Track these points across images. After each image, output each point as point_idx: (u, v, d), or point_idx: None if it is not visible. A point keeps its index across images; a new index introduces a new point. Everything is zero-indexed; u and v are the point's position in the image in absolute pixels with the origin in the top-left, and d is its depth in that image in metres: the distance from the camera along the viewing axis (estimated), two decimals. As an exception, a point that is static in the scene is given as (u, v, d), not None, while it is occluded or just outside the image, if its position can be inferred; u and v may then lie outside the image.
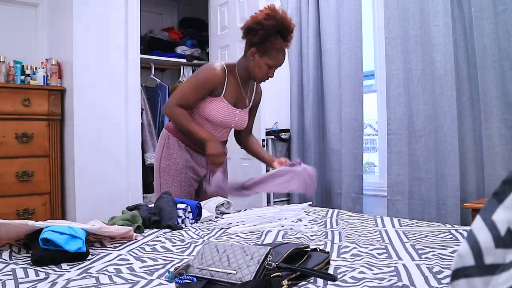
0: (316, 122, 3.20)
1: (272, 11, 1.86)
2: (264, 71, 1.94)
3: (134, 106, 3.11)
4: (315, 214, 1.82)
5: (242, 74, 2.00)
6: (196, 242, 1.31)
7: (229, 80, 1.97)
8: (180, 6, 4.51)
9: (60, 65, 3.04)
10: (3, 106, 2.75)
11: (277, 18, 1.85)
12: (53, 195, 2.92)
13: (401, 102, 2.63)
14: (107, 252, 1.17)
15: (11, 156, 2.77)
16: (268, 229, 1.47)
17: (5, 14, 3.16)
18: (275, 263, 0.86)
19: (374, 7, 3.08)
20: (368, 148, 3.88)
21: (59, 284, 0.89)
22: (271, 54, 1.90)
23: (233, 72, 1.99)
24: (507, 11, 2.17)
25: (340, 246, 1.22)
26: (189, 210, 1.62)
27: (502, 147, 2.22)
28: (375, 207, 2.93)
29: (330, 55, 3.05)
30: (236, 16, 3.25)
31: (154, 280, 0.93)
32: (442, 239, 1.28)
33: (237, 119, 2.03)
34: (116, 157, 2.99)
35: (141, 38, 3.32)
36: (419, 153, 2.55)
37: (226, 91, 1.97)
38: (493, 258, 0.45)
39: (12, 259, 1.10)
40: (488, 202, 0.49)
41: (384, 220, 1.62)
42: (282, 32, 1.89)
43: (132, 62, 3.07)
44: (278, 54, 1.92)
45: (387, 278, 0.89)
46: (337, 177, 3.03)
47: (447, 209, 2.39)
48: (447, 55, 2.39)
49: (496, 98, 2.23)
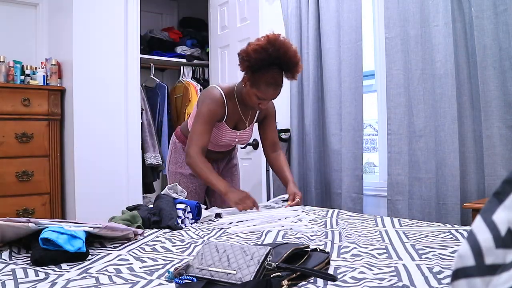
0: (316, 122, 3.20)
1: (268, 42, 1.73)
2: (254, 101, 1.87)
3: (134, 106, 3.11)
4: (315, 214, 1.82)
5: (240, 98, 1.96)
6: (196, 242, 1.31)
7: (228, 106, 1.96)
8: (180, 6, 4.51)
9: (60, 65, 3.04)
10: (3, 106, 2.75)
11: (269, 52, 1.73)
12: (53, 195, 2.92)
13: (401, 102, 2.63)
14: (107, 252, 1.17)
15: (11, 156, 2.77)
16: (268, 229, 1.47)
17: (5, 14, 3.16)
18: (275, 263, 0.86)
19: (374, 7, 3.08)
20: (368, 148, 3.88)
21: (59, 284, 0.89)
22: (259, 87, 1.81)
23: (231, 97, 1.96)
24: (507, 11, 2.17)
25: (340, 246, 1.22)
26: (188, 210, 1.62)
27: (502, 147, 2.21)
28: (375, 207, 2.93)
29: (330, 55, 3.05)
30: (236, 16, 3.25)
31: (154, 280, 0.93)
32: (442, 239, 1.28)
33: (238, 140, 2.07)
34: (116, 157, 2.99)
35: (141, 38, 3.32)
36: (419, 153, 2.55)
37: (227, 117, 1.97)
38: (493, 258, 0.45)
39: (12, 259, 1.09)
40: (488, 202, 0.49)
41: (384, 220, 1.62)
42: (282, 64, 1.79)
43: (132, 62, 3.07)
44: (268, 88, 1.80)
45: (387, 278, 0.89)
46: (337, 177, 3.03)
47: (447, 209, 2.39)
48: (447, 55, 2.39)
49: (496, 98, 2.23)
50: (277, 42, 1.74)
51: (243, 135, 2.06)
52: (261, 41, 1.75)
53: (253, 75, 1.80)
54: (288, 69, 1.81)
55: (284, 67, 1.80)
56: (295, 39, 3.29)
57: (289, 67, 1.80)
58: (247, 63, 1.77)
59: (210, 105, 1.90)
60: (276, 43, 1.74)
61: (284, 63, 1.78)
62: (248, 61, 1.76)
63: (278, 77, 1.82)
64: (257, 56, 1.74)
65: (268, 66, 1.77)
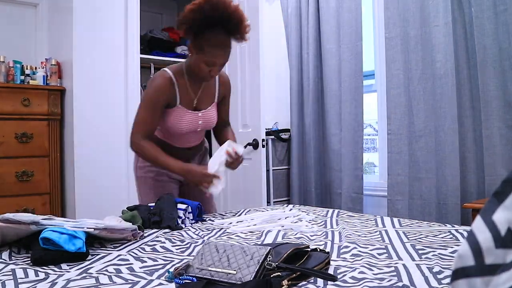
0: (316, 122, 3.20)
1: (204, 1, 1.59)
2: (204, 69, 1.70)
3: (134, 106, 3.11)
4: (315, 214, 1.82)
5: (191, 74, 1.79)
6: (196, 242, 1.31)
7: (180, 86, 1.78)
8: (180, 6, 4.51)
9: (60, 65, 3.04)
10: (3, 106, 2.75)
11: (206, 10, 1.59)
12: (53, 195, 2.92)
13: (401, 102, 2.63)
14: (107, 252, 1.17)
15: (11, 156, 2.77)
16: (268, 229, 1.47)
17: (5, 14, 3.16)
18: (275, 263, 0.86)
19: (374, 7, 3.08)
20: (368, 148, 3.88)
21: (59, 284, 0.89)
22: (204, 50, 1.65)
23: (180, 75, 1.79)
24: (507, 11, 2.17)
25: (340, 246, 1.22)
26: (189, 210, 1.62)
27: (502, 147, 2.21)
28: (375, 207, 2.93)
29: (330, 55, 3.05)
30: (236, 16, 3.25)
31: (154, 280, 0.93)
32: (442, 239, 1.28)
33: (201, 122, 1.85)
34: (116, 157, 2.99)
35: (141, 38, 3.31)
36: (419, 153, 2.55)
37: (181, 98, 1.79)
38: (493, 258, 0.45)
39: (11, 259, 1.09)
40: (488, 202, 0.49)
41: (384, 220, 1.62)
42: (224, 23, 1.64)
43: (132, 62, 3.07)
44: (213, 49, 1.66)
45: (387, 278, 0.89)
46: (337, 177, 3.03)
47: (447, 209, 2.39)
48: (447, 55, 2.39)
49: (496, 98, 2.23)
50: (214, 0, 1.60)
51: (206, 116, 1.86)
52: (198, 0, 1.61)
53: (195, 39, 1.67)
54: (232, 29, 1.66)
55: (227, 27, 1.66)
56: (295, 39, 3.29)
57: (232, 26, 1.65)
58: (185, 25, 1.63)
59: (154, 89, 1.76)
60: (213, 1, 1.59)
61: (225, 22, 1.64)
62: (186, 23, 1.63)
63: (223, 38, 1.67)
64: (194, 16, 1.60)
65: (210, 27, 1.64)
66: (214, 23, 1.63)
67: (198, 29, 1.63)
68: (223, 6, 1.61)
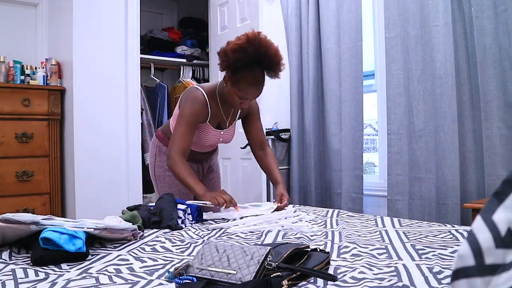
0: (316, 122, 3.20)
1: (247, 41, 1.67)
2: (236, 100, 1.81)
3: (134, 106, 3.11)
4: (315, 214, 1.82)
5: (222, 97, 1.91)
6: (196, 242, 1.31)
7: (211, 107, 1.90)
8: (180, 6, 4.51)
9: (60, 65, 3.04)
10: (3, 106, 2.75)
11: (248, 51, 1.66)
12: (53, 195, 2.92)
13: (401, 102, 2.63)
14: (107, 252, 1.17)
15: (11, 156, 2.77)
16: (268, 229, 1.47)
17: (5, 14, 3.16)
18: (275, 263, 0.86)
19: (374, 7, 3.07)
20: (368, 148, 3.88)
21: (59, 284, 0.89)
22: (240, 86, 1.75)
23: (213, 97, 1.91)
24: (507, 11, 2.17)
25: (340, 246, 1.22)
26: (189, 211, 1.62)
27: (502, 147, 2.21)
28: (375, 207, 2.93)
29: (330, 55, 3.05)
30: (236, 16, 3.26)
31: (154, 280, 0.93)
32: (442, 239, 1.28)
33: (222, 139, 2.03)
34: (116, 157, 2.99)
35: (141, 38, 3.32)
36: (419, 153, 2.55)
37: (211, 117, 1.92)
38: (493, 258, 0.45)
39: (11, 259, 1.09)
40: (488, 202, 0.49)
41: (384, 220, 1.62)
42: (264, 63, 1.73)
43: (132, 62, 3.07)
44: (248, 87, 1.75)
45: (387, 278, 0.89)
46: (337, 177, 3.03)
47: (447, 209, 2.39)
48: (447, 55, 2.39)
49: (496, 98, 2.23)
50: (256, 41, 1.68)
51: (226, 134, 2.03)
52: (240, 40, 1.69)
53: (233, 75, 1.75)
54: (270, 68, 1.75)
55: (266, 66, 1.75)
56: (295, 39, 3.29)
57: (271, 66, 1.74)
58: (226, 63, 1.72)
59: (193, 107, 1.85)
60: (255, 42, 1.67)
61: (265, 62, 1.73)
62: (227, 61, 1.71)
63: (259, 76, 1.76)
64: (236, 56, 1.69)
65: (248, 66, 1.72)
66: (254, 62, 1.72)
67: (238, 67, 1.72)
68: (265, 48, 1.69)
